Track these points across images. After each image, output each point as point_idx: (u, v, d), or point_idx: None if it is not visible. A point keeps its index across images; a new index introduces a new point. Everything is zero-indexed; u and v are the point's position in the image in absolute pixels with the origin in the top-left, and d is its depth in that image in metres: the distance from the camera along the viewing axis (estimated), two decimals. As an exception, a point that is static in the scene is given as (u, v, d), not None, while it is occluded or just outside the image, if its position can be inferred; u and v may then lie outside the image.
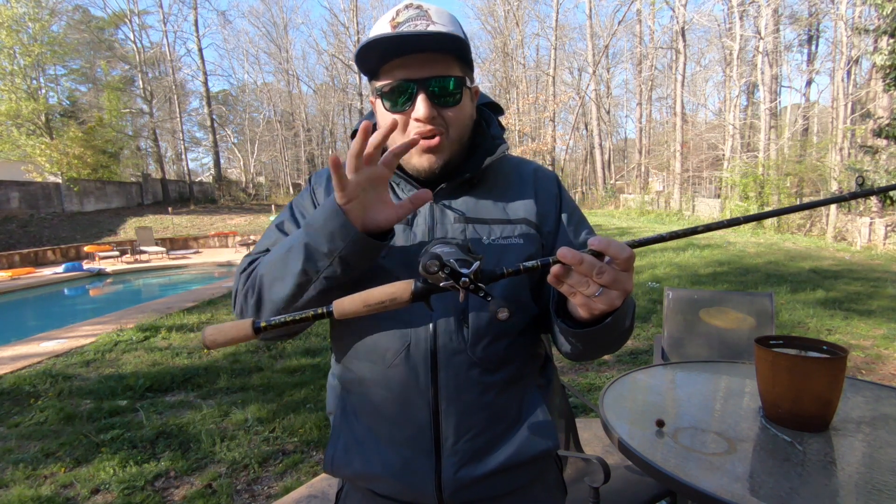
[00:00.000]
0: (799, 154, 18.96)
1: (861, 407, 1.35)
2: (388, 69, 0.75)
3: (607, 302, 0.58)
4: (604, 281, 0.56)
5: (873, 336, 4.58)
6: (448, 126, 0.77)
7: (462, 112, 0.78)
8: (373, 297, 0.57)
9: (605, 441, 2.38)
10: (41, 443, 2.87)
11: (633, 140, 34.98)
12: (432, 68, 0.74)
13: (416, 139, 0.67)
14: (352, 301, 0.57)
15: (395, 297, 0.57)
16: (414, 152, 0.78)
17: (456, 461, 0.79)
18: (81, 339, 5.05)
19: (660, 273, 7.80)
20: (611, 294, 0.57)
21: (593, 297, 0.57)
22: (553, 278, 0.57)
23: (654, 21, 27.38)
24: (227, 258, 13.06)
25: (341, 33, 34.58)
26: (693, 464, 1.08)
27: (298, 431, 2.92)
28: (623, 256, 0.55)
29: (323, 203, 0.71)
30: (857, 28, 13.22)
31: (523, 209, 0.84)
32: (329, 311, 0.57)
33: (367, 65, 0.76)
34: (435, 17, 0.74)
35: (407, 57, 0.73)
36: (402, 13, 0.74)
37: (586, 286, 0.57)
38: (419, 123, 0.75)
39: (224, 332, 0.56)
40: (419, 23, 0.72)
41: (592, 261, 0.55)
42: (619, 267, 0.56)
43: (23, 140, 18.99)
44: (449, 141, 0.78)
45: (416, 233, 0.80)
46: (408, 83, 0.73)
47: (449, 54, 0.75)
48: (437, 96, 0.74)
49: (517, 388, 0.83)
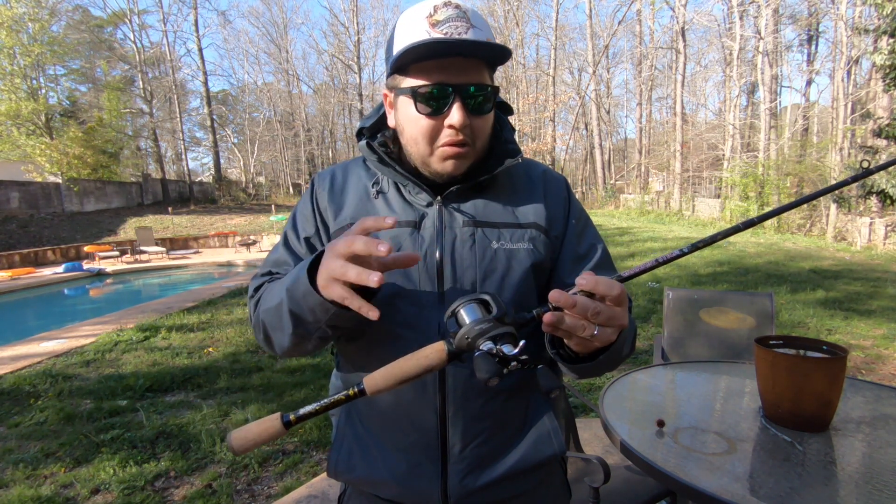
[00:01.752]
0: (799, 154, 18.95)
1: (861, 407, 1.35)
2: (423, 68, 0.72)
3: (603, 339, 0.58)
4: (600, 321, 0.56)
5: (873, 336, 4.58)
6: (475, 135, 0.76)
7: (489, 122, 0.78)
8: (405, 372, 0.56)
9: (605, 441, 2.38)
10: (41, 443, 2.87)
11: (633, 140, 34.99)
12: (469, 75, 0.72)
13: (415, 258, 0.65)
14: (385, 379, 0.56)
15: (430, 368, 0.57)
16: (438, 156, 0.76)
17: (462, 468, 0.79)
18: (81, 339, 5.05)
19: (660, 273, 7.79)
20: (606, 332, 0.57)
21: (589, 337, 0.57)
22: (548, 327, 0.56)
23: (654, 21, 27.41)
24: (227, 258, 13.06)
25: (341, 33, 34.62)
26: (693, 464, 1.08)
27: (298, 431, 2.91)
28: (613, 294, 0.55)
29: (299, 270, 0.67)
30: (857, 28, 13.23)
31: (533, 213, 0.82)
32: (360, 389, 0.56)
33: (400, 60, 0.72)
34: (473, 20, 0.71)
35: (445, 59, 0.71)
36: (441, 11, 0.71)
37: (581, 329, 0.56)
38: (452, 130, 0.73)
39: (252, 436, 0.54)
40: (459, 25, 0.70)
41: (585, 302, 0.54)
42: (610, 304, 0.56)
43: (23, 140, 18.99)
44: (475, 150, 0.77)
45: (424, 236, 0.79)
46: (445, 87, 0.71)
47: (483, 60, 0.73)
48: (472, 104, 0.73)
49: (523, 394, 0.83)
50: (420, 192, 0.80)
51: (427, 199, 0.80)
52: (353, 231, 0.60)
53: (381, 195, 0.83)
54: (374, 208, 0.82)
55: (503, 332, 0.55)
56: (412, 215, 0.80)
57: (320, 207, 0.85)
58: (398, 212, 0.81)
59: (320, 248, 0.85)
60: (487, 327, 0.55)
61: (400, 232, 0.79)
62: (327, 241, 0.84)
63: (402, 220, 0.79)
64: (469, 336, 0.55)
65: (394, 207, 0.81)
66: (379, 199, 0.82)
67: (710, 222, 17.02)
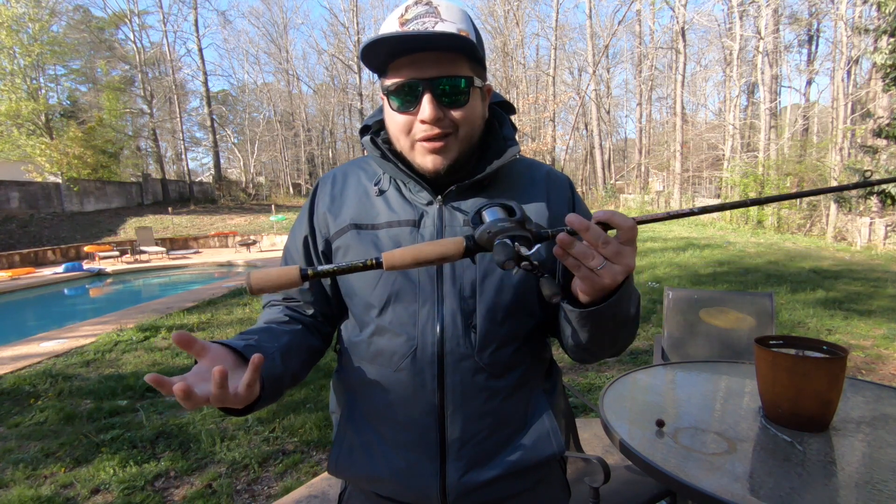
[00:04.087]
0: (799, 154, 18.95)
1: (861, 407, 1.35)
2: (396, 66, 0.73)
3: (610, 275, 0.59)
4: (607, 252, 0.57)
5: (873, 336, 4.57)
6: (457, 127, 0.75)
7: (471, 112, 0.76)
8: (423, 254, 0.58)
9: (605, 441, 2.39)
10: (41, 443, 2.87)
11: (633, 140, 34.98)
12: (440, 68, 0.72)
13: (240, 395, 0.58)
14: (402, 256, 0.58)
15: (446, 256, 0.59)
16: (419, 152, 0.76)
17: (461, 465, 0.79)
18: (81, 339, 5.05)
19: (660, 273, 7.80)
20: (614, 268, 0.59)
21: (597, 269, 0.58)
22: (559, 250, 0.58)
23: (654, 21, 27.41)
24: (227, 258, 13.05)
25: (341, 33, 34.58)
26: (693, 464, 1.08)
27: (298, 431, 2.91)
28: (626, 226, 0.57)
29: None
30: (857, 28, 13.22)
31: (535, 213, 0.82)
32: (378, 261, 0.57)
33: (374, 62, 0.75)
34: (444, 14, 0.71)
35: (415, 55, 0.72)
36: (412, 9, 0.72)
37: (590, 258, 0.58)
38: (425, 125, 0.73)
39: (270, 278, 0.56)
40: (427, 20, 0.70)
41: (598, 230, 0.57)
42: (621, 238, 0.58)
43: (23, 140, 18.98)
44: (457, 141, 0.76)
45: (424, 235, 0.79)
46: (415, 83, 0.72)
47: (458, 52, 0.73)
48: (445, 97, 0.73)
49: (523, 392, 0.83)
50: (421, 190, 0.80)
51: (427, 198, 0.80)
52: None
53: (381, 194, 0.83)
54: (374, 207, 0.82)
55: (522, 234, 0.58)
56: (412, 214, 0.80)
57: (319, 212, 0.86)
58: (398, 210, 0.81)
59: (313, 250, 0.86)
60: (509, 226, 0.58)
61: (400, 231, 0.79)
62: (323, 244, 0.86)
63: (402, 219, 0.80)
64: (491, 231, 0.58)
65: (394, 206, 0.81)
66: (380, 199, 0.83)
67: (710, 222, 17.02)
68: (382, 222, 0.80)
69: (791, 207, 15.64)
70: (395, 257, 0.58)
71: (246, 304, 6.58)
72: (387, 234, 0.79)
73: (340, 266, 0.57)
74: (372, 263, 0.57)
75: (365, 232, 0.81)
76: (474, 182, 0.80)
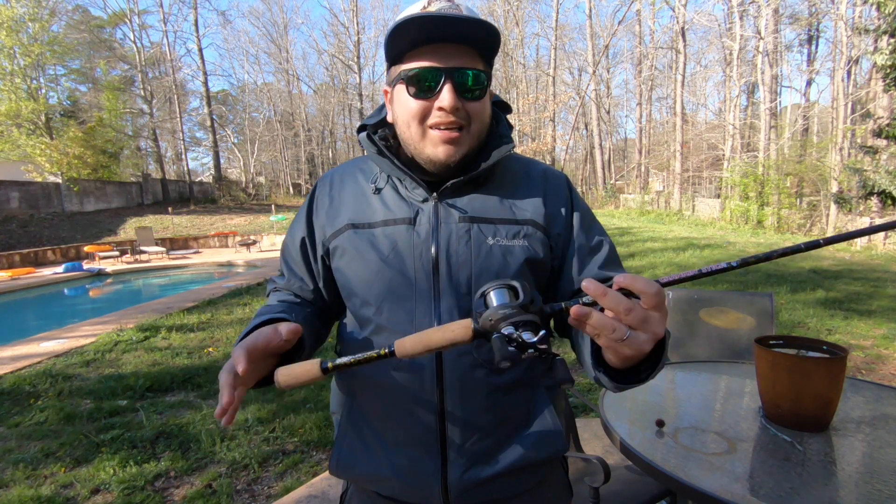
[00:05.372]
0: (799, 154, 18.96)
1: (861, 407, 1.35)
2: (414, 55, 0.74)
3: (635, 347, 0.53)
4: (631, 321, 0.51)
5: (873, 336, 4.57)
6: (470, 120, 0.76)
7: (484, 108, 0.78)
8: (434, 341, 0.60)
9: (605, 441, 2.39)
10: (41, 443, 2.87)
11: (633, 140, 34.96)
12: (460, 59, 0.73)
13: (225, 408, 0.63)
14: (413, 344, 0.60)
15: (455, 342, 0.59)
16: (431, 141, 0.76)
17: (463, 463, 0.79)
18: (81, 339, 5.05)
19: (660, 273, 7.80)
20: (639, 337, 0.52)
21: (620, 341, 0.52)
22: (574, 320, 0.52)
23: (654, 21, 27.37)
24: (227, 258, 13.05)
25: (341, 33, 34.60)
26: (693, 464, 1.08)
27: (298, 431, 2.92)
28: (650, 292, 0.51)
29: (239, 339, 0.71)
30: (857, 28, 13.23)
31: (531, 210, 0.82)
32: (391, 351, 0.60)
33: (396, 48, 0.75)
34: (466, 13, 0.74)
35: (437, 44, 0.73)
36: (434, 3, 0.73)
37: (611, 329, 0.51)
38: (443, 112, 0.74)
39: (295, 373, 0.61)
40: (452, 13, 0.72)
41: (618, 296, 0.51)
42: (646, 305, 0.52)
43: (23, 140, 18.97)
44: (469, 136, 0.77)
45: (420, 232, 0.79)
46: (436, 69, 0.73)
47: (475, 49, 0.75)
48: (463, 88, 0.74)
49: (525, 389, 0.82)
50: (416, 187, 0.81)
51: (423, 195, 0.81)
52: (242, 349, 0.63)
53: (378, 192, 0.84)
54: (370, 206, 0.83)
55: (526, 319, 0.55)
56: (408, 211, 0.80)
57: (317, 213, 0.87)
58: (394, 209, 0.81)
59: (311, 250, 0.88)
60: (511, 312, 0.56)
61: (395, 229, 0.80)
62: (321, 245, 0.87)
63: (397, 217, 0.80)
64: (493, 318, 0.57)
65: (390, 204, 0.82)
66: (376, 197, 0.83)
67: (711, 222, 17.02)
68: (378, 220, 0.81)
69: (791, 207, 15.65)
70: (407, 347, 0.60)
71: (246, 305, 6.59)
72: (383, 232, 0.80)
73: (357, 358, 0.60)
74: (385, 354, 0.60)
75: (362, 231, 0.81)
76: (470, 178, 0.80)
